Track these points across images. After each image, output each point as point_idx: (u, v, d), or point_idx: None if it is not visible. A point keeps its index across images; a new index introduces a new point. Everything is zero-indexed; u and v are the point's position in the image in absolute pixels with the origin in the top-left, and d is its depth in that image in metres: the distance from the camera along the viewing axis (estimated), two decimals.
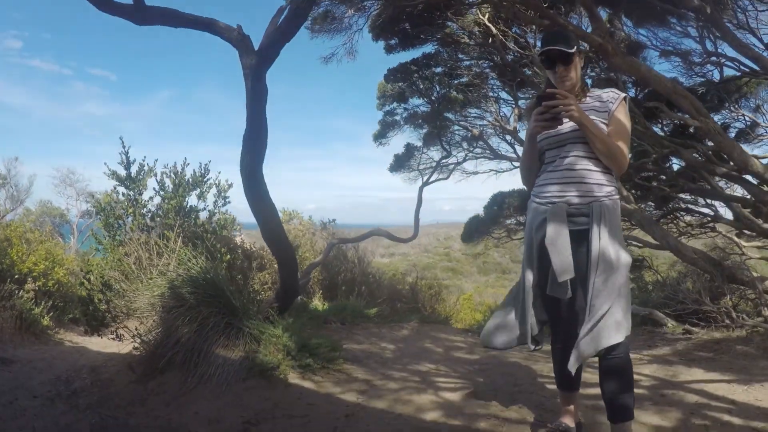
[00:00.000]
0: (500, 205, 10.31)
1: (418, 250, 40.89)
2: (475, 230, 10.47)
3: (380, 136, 10.38)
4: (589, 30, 5.82)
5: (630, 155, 3.07)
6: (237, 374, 3.65)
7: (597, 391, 2.63)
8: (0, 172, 17.81)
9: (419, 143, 10.58)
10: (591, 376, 3.11)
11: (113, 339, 5.29)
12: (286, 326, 3.99)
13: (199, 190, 6.76)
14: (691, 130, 8.37)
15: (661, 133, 8.33)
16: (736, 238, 9.32)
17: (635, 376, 4.28)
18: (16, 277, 7.45)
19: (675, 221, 10.05)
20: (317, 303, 7.81)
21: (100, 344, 6.36)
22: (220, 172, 7.07)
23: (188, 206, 6.57)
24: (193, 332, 3.97)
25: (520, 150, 9.96)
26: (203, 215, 6.92)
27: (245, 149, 3.42)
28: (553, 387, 3.77)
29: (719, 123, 7.65)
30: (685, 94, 6.58)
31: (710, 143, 8.07)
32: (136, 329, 4.69)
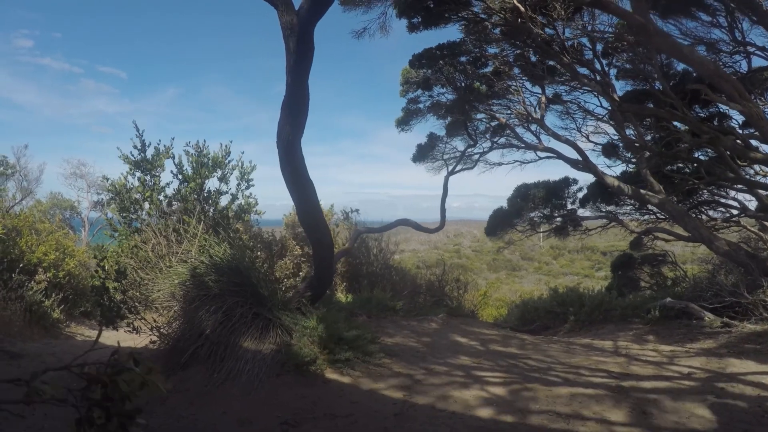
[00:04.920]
0: (524, 197, 9.90)
1: (428, 247, 40.55)
2: (499, 223, 10.05)
3: (403, 123, 9.99)
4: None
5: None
6: (269, 369, 3.32)
7: None
8: (9, 161, 17.46)
9: (442, 133, 10.23)
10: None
11: (128, 332, 4.98)
12: (320, 317, 3.66)
13: (220, 171, 6.28)
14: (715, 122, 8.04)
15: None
16: (761, 233, 8.97)
17: (685, 369, 4.01)
18: (25, 267, 7.17)
19: (699, 216, 9.67)
20: (340, 295, 7.50)
21: (115, 338, 6.07)
22: (243, 152, 6.53)
23: (208, 190, 6.16)
24: (218, 323, 3.66)
25: (545, 139, 9.58)
26: (225, 199, 6.43)
27: (284, 119, 3.05)
28: (603, 380, 3.49)
29: None
30: (728, 77, 6.21)
31: (749, 130, 7.80)
32: (155, 321, 4.39)
